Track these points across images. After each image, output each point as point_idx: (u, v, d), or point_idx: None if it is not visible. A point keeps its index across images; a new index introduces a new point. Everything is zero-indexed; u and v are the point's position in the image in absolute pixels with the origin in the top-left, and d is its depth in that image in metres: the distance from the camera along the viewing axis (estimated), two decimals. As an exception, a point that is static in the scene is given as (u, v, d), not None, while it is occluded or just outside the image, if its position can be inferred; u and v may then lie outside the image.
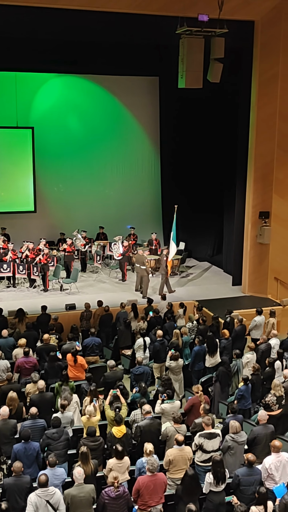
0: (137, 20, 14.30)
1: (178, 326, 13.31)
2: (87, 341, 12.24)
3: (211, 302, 15.79)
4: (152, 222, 20.67)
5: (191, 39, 12.08)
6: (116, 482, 7.14)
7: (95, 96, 19.89)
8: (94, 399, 9.27)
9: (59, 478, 7.57)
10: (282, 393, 9.91)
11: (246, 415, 10.12)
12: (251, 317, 13.69)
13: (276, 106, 15.52)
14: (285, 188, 16.11)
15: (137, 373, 10.86)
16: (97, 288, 17.05)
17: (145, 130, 20.55)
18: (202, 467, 8.23)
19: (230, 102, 17.60)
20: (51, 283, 16.80)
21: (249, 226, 16.43)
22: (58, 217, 20.08)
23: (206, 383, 11.50)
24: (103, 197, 20.52)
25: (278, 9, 14.94)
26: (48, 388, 10.43)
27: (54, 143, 19.57)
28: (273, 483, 7.75)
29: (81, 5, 13.47)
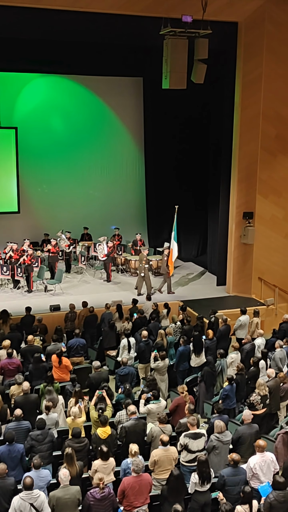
0: (120, 20, 14.29)
1: (162, 326, 13.32)
2: (72, 342, 12.20)
3: (195, 302, 15.83)
4: (137, 223, 20.66)
5: (175, 40, 12.09)
6: (102, 483, 7.13)
7: (79, 96, 19.82)
8: (79, 400, 9.24)
9: (44, 480, 7.54)
10: (266, 392, 9.97)
11: (231, 414, 10.17)
12: (236, 317, 13.76)
13: (260, 107, 15.61)
14: (268, 189, 16.21)
15: (122, 374, 10.85)
16: (81, 289, 17.01)
17: (129, 130, 20.54)
18: (187, 467, 8.25)
19: (214, 102, 17.66)
20: (35, 284, 16.73)
21: (233, 226, 16.50)
22: (42, 217, 19.98)
23: (191, 383, 11.53)
24: (87, 198, 20.46)
25: (261, 11, 15.03)
26: (33, 390, 10.38)
27: (38, 143, 19.47)
28: (258, 482, 7.80)
29: (64, 5, 13.42)
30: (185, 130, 19.15)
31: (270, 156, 16.01)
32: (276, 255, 16.61)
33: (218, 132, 17.27)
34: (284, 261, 16.72)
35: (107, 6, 13.68)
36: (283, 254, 16.67)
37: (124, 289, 16.95)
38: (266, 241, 16.41)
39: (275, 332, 13.37)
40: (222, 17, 14.63)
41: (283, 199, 16.41)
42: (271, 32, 15.21)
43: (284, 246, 16.65)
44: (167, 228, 19.99)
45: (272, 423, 10.48)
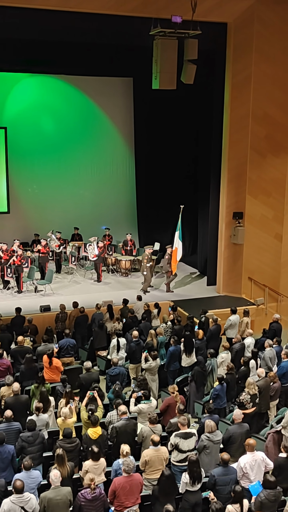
0: (111, 21, 14.28)
1: (153, 326, 13.34)
2: (62, 343, 12.19)
3: (186, 302, 15.86)
4: (127, 223, 20.67)
5: (165, 40, 12.11)
6: (93, 484, 7.13)
7: (69, 96, 19.80)
8: (70, 401, 9.24)
9: (35, 481, 7.52)
10: (256, 391, 10.02)
11: (221, 414, 10.20)
12: (226, 317, 13.80)
13: (249, 108, 15.66)
14: (258, 189, 16.27)
15: (113, 374, 10.86)
16: (72, 289, 16.98)
17: (119, 130, 20.54)
18: (178, 467, 8.26)
19: (204, 103, 17.70)
20: (25, 285, 16.68)
21: (223, 226, 16.55)
22: (32, 218, 19.95)
23: (181, 383, 11.55)
24: (77, 198, 20.44)
25: (251, 11, 15.08)
26: (23, 391, 10.36)
27: (28, 143, 19.43)
28: (248, 482, 7.83)
29: (54, 6, 13.39)
30: (175, 130, 19.17)
31: (260, 156, 16.07)
32: (266, 255, 16.67)
33: (207, 132, 17.31)
34: (274, 261, 16.79)
35: (97, 6, 13.66)
36: (272, 254, 16.74)
37: (114, 289, 16.94)
38: (256, 241, 16.47)
39: (265, 331, 13.43)
40: (212, 17, 14.67)
41: (273, 199, 16.48)
42: (260, 33, 15.26)
43: (274, 246, 16.72)
44: (158, 228, 20.09)
45: (262, 422, 10.53)
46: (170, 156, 19.41)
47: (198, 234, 19.17)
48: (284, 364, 11.22)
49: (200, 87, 16.26)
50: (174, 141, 19.30)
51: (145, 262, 16.72)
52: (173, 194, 19.33)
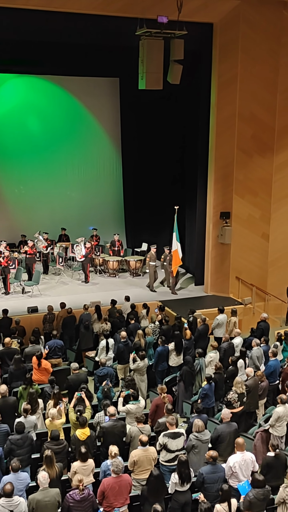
0: (96, 21, 14.27)
1: (141, 327, 13.33)
2: (50, 344, 12.14)
3: (174, 302, 15.88)
4: (115, 223, 20.64)
5: (151, 40, 12.12)
6: (81, 485, 7.11)
7: (55, 97, 19.73)
8: (59, 402, 9.20)
9: (23, 482, 7.49)
10: (244, 390, 10.04)
11: (209, 413, 10.23)
12: (214, 317, 13.83)
13: (236, 108, 15.72)
14: (245, 189, 16.33)
15: (101, 375, 10.84)
16: (59, 290, 16.93)
17: (106, 131, 20.51)
18: (167, 467, 8.26)
19: (190, 103, 17.73)
20: (12, 286, 16.60)
21: (211, 226, 16.59)
22: (19, 219, 19.85)
23: (170, 382, 11.56)
24: (64, 199, 20.38)
25: (236, 12, 15.13)
26: (11, 392, 10.30)
27: (14, 144, 19.33)
28: (236, 481, 7.85)
29: (39, 5, 13.35)
30: (161, 130, 19.17)
31: (246, 156, 16.13)
32: (253, 254, 16.74)
33: (194, 132, 17.35)
34: (261, 261, 16.87)
35: (82, 6, 13.63)
36: (260, 254, 16.82)
37: (102, 290, 16.92)
38: (243, 240, 16.53)
39: (253, 330, 13.48)
40: (197, 18, 14.70)
41: (260, 199, 16.55)
42: (246, 33, 15.33)
43: (261, 246, 16.80)
44: (145, 229, 20.09)
45: (250, 421, 10.57)
46: (157, 156, 19.41)
47: (186, 234, 19.17)
48: (271, 363, 11.26)
49: (186, 87, 16.30)
50: (161, 141, 19.30)
51: (148, 260, 16.96)
52: (160, 195, 19.35)
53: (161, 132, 19.21)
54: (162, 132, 19.19)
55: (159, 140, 19.30)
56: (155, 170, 19.56)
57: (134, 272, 18.61)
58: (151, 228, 19.99)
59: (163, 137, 19.24)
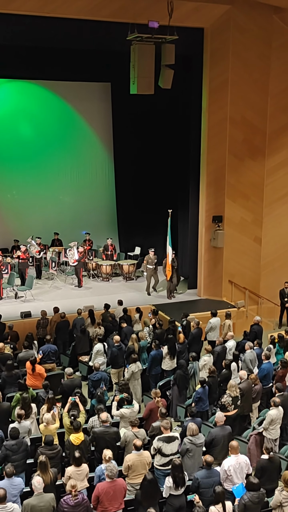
0: (88, 26, 14.31)
1: (135, 331, 13.34)
2: (43, 349, 12.12)
3: (167, 306, 15.90)
4: (107, 228, 20.65)
5: (142, 45, 12.16)
6: (74, 490, 7.10)
7: (47, 101, 19.73)
8: (53, 407, 9.19)
9: (17, 488, 7.47)
10: (238, 393, 10.06)
11: (203, 417, 10.23)
12: (207, 320, 13.86)
13: (227, 112, 15.78)
14: (237, 193, 16.39)
15: (95, 379, 10.82)
16: (53, 295, 16.91)
17: (98, 135, 20.53)
18: (162, 471, 8.26)
19: (182, 107, 17.81)
20: (5, 291, 16.56)
21: (203, 230, 16.63)
22: (12, 223, 19.83)
23: (164, 386, 11.55)
24: (57, 203, 20.37)
25: (227, 17, 15.21)
26: (5, 398, 10.27)
27: (7, 149, 19.31)
28: (231, 484, 7.86)
29: (31, 11, 13.36)
30: (153, 135, 19.23)
31: (238, 160, 16.20)
32: (245, 258, 16.79)
33: (186, 136, 17.41)
34: (254, 264, 16.92)
35: (74, 11, 13.67)
36: (252, 257, 16.88)
37: (95, 294, 16.91)
38: (236, 244, 16.58)
39: (246, 334, 13.51)
40: (188, 23, 14.77)
41: (251, 203, 16.62)
42: (236, 38, 15.41)
43: (253, 249, 16.86)
44: (138, 232, 20.10)
45: (244, 424, 10.58)
46: (149, 161, 19.46)
47: (178, 238, 19.22)
48: (264, 366, 11.30)
49: (177, 92, 16.35)
50: (152, 145, 19.35)
51: (145, 263, 17.07)
52: (152, 198, 19.40)
53: (153, 137, 19.27)
54: (154, 136, 19.25)
55: (151, 145, 19.35)
56: (147, 174, 19.60)
57: (127, 276, 18.62)
58: (144, 232, 20.00)
59: (155, 142, 19.30)
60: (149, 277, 16.99)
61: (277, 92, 16.19)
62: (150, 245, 17.73)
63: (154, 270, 16.90)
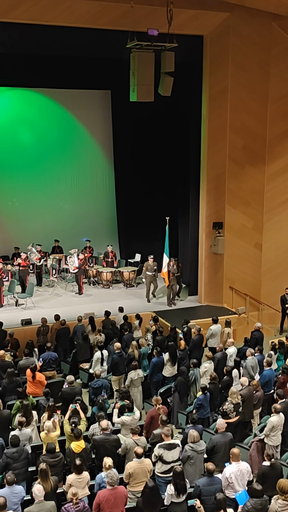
0: (88, 34, 14.39)
1: (135, 338, 13.32)
2: (44, 356, 12.10)
3: (168, 313, 15.88)
4: (108, 235, 20.67)
5: (142, 53, 12.19)
6: (75, 498, 7.06)
7: (47, 109, 19.80)
8: (53, 415, 9.16)
9: (18, 496, 7.44)
10: (239, 400, 10.03)
11: (205, 424, 10.19)
12: (208, 327, 13.83)
13: (227, 119, 15.83)
14: (237, 199, 16.41)
15: (96, 387, 10.79)
16: (53, 302, 16.90)
17: (98, 143, 20.59)
18: (163, 478, 8.22)
19: (181, 114, 17.86)
20: (6, 299, 16.55)
21: (204, 236, 16.64)
22: (12, 231, 19.84)
23: (165, 393, 11.52)
24: (57, 210, 20.40)
25: (226, 24, 15.28)
26: (5, 406, 10.25)
27: (7, 157, 19.36)
28: (233, 492, 7.82)
29: (31, 19, 13.44)
30: (153, 142, 19.27)
31: (238, 166, 16.23)
32: (246, 264, 16.79)
33: (186, 143, 17.45)
34: (255, 270, 16.91)
35: (73, 19, 13.74)
36: (253, 263, 16.87)
37: (96, 301, 16.90)
38: (236, 250, 16.58)
39: (247, 340, 13.48)
40: (188, 30, 14.84)
41: (252, 209, 16.63)
42: (235, 45, 15.47)
43: (254, 255, 16.85)
44: (138, 240, 20.12)
45: (246, 431, 10.54)
46: (149, 167, 19.49)
47: (179, 245, 19.23)
48: (266, 373, 11.27)
49: (177, 99, 16.40)
50: (153, 152, 19.39)
51: (144, 270, 17.13)
52: (153, 205, 19.41)
53: (153, 144, 19.31)
54: (154, 143, 19.28)
55: (151, 152, 19.39)
56: (147, 181, 19.63)
57: (128, 283, 18.61)
58: (144, 239, 20.00)
59: (155, 149, 19.33)
60: (149, 283, 16.99)
61: (276, 99, 16.25)
62: (151, 252, 17.72)
63: (153, 277, 16.89)
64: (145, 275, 17.12)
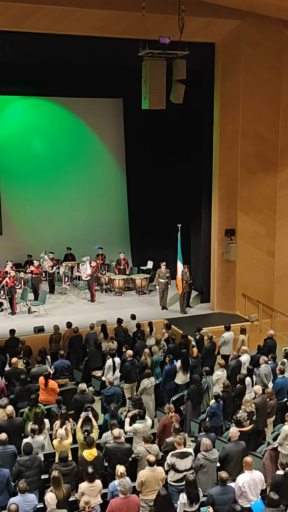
0: (99, 43, 14.49)
1: (148, 345, 13.29)
2: (56, 364, 12.11)
3: (180, 320, 15.84)
4: (120, 242, 20.70)
5: (153, 61, 12.23)
6: (88, 506, 7.04)
7: (60, 118, 19.93)
8: (66, 422, 9.15)
9: (30, 504, 7.42)
10: (253, 409, 9.97)
11: (218, 432, 10.13)
12: (220, 334, 13.77)
13: (238, 126, 15.82)
14: (249, 206, 16.36)
15: (108, 394, 10.78)
16: (65, 309, 16.93)
17: (110, 150, 20.66)
18: (175, 487, 8.18)
19: (193, 122, 17.88)
20: (18, 306, 16.61)
21: (216, 243, 16.60)
22: (25, 239, 19.94)
23: (177, 401, 11.48)
24: (70, 218, 20.48)
25: (238, 32, 15.30)
26: (18, 412, 10.26)
27: (20, 165, 19.50)
28: (245, 501, 7.76)
29: (44, 28, 13.56)
30: (165, 149, 19.32)
31: (250, 173, 16.19)
32: (258, 271, 16.71)
33: (198, 151, 17.46)
34: (267, 277, 16.83)
35: (85, 28, 13.84)
36: (265, 270, 16.79)
37: (108, 309, 16.89)
38: (249, 257, 16.52)
39: (260, 348, 13.39)
40: (199, 38, 14.88)
41: (264, 216, 16.57)
42: (247, 52, 15.48)
43: (266, 262, 16.78)
44: (150, 247, 20.12)
45: (259, 439, 10.46)
46: (161, 175, 19.53)
47: (191, 252, 19.21)
48: (279, 381, 11.19)
49: (189, 107, 16.40)
50: (165, 159, 19.43)
51: (156, 277, 17.13)
52: (165, 213, 19.42)
53: (165, 151, 19.35)
54: (166, 151, 19.33)
55: (163, 159, 19.43)
56: (159, 188, 19.66)
57: (140, 291, 18.60)
58: (156, 246, 20.02)
59: (167, 156, 19.37)
60: (162, 291, 16.96)
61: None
62: (163, 259, 17.71)
63: (166, 284, 16.86)
64: (158, 282, 17.10)
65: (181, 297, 16.70)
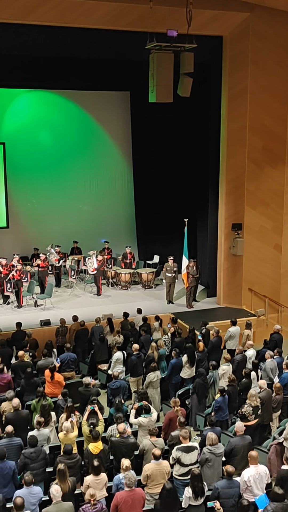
0: (107, 35, 14.43)
1: (154, 339, 13.30)
2: (63, 357, 12.14)
3: (186, 314, 15.83)
4: (126, 236, 20.68)
5: (161, 54, 12.18)
6: (93, 499, 7.06)
7: (66, 111, 19.90)
8: (71, 415, 9.17)
9: (36, 496, 7.45)
10: (258, 403, 9.96)
11: (223, 426, 10.14)
12: (227, 329, 13.76)
13: (246, 120, 15.74)
14: (256, 200, 16.31)
15: (114, 388, 10.80)
16: (72, 303, 16.95)
17: (117, 144, 20.62)
18: (181, 481, 8.19)
19: (201, 115, 17.81)
20: (25, 299, 16.65)
21: (222, 238, 16.56)
22: (32, 232, 19.97)
23: (183, 395, 11.49)
24: (76, 212, 20.47)
25: (246, 25, 15.20)
26: (24, 405, 10.29)
27: (26, 158, 19.49)
28: (251, 495, 7.76)
29: (50, 21, 13.51)
30: (172, 143, 19.26)
31: (257, 167, 16.12)
32: (265, 265, 16.67)
33: (205, 144, 17.39)
34: (274, 272, 16.78)
35: (93, 21, 13.79)
36: (272, 265, 16.74)
37: (114, 302, 16.91)
38: (256, 252, 16.47)
39: (266, 342, 13.37)
40: (207, 31, 14.79)
41: (271, 210, 16.51)
42: (255, 46, 15.38)
43: (273, 257, 16.73)
44: (157, 241, 20.11)
45: (264, 434, 10.47)
46: (168, 169, 19.48)
47: (198, 246, 19.18)
48: (285, 375, 11.17)
49: (196, 100, 16.36)
50: (171, 153, 19.38)
51: (164, 271, 17.12)
52: (172, 207, 19.39)
53: (172, 145, 19.29)
54: (173, 144, 19.27)
55: (170, 153, 19.38)
56: (166, 182, 19.62)
57: (146, 285, 18.60)
58: (162, 241, 19.99)
59: (174, 150, 19.32)
60: (168, 285, 16.95)
61: (296, 99, 16.13)
62: (169, 253, 17.68)
63: (173, 278, 16.85)
64: (165, 276, 17.09)
65: (188, 291, 16.69)
